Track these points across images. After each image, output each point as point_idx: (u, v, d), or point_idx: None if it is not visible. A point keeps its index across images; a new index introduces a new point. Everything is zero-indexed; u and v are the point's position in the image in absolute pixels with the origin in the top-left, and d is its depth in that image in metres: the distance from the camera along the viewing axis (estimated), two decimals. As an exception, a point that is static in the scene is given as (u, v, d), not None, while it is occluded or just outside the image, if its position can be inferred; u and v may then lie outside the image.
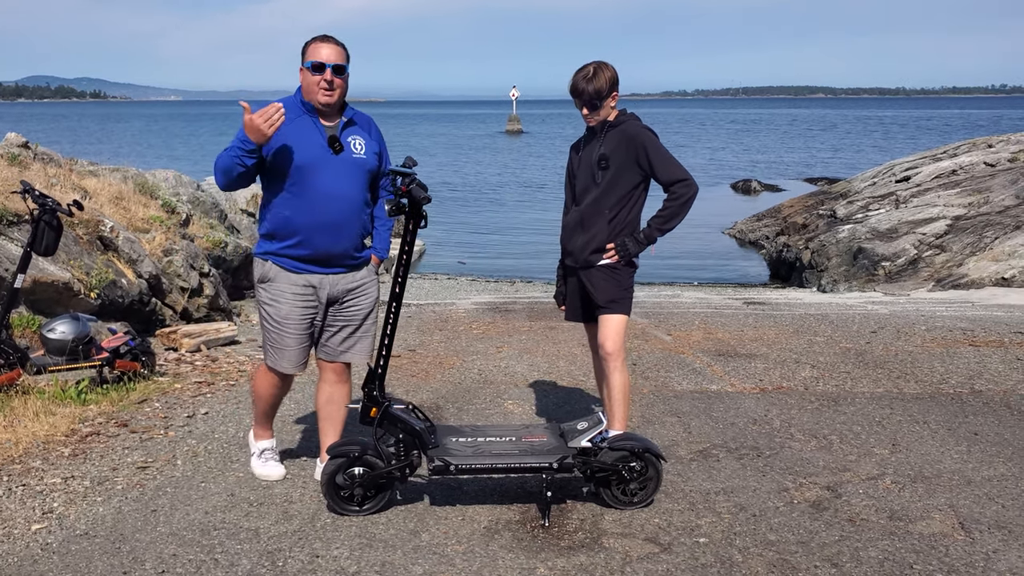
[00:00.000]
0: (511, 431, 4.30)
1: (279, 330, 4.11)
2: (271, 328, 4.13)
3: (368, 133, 4.21)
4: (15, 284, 5.73)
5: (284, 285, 4.08)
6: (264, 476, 4.44)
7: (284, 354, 4.14)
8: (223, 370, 6.83)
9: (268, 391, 4.32)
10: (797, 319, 9.49)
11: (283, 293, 4.08)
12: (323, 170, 3.99)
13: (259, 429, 4.51)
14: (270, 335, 4.15)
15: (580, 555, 3.64)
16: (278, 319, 4.10)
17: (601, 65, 4.29)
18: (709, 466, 4.72)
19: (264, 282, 4.13)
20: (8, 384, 5.58)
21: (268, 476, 4.43)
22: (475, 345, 8.04)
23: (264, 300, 4.15)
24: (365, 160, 4.14)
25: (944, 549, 3.65)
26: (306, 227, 4.00)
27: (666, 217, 4.27)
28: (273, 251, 4.09)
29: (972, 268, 12.53)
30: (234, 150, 3.84)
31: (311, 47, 4.00)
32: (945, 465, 4.68)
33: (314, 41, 4.03)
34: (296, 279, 4.09)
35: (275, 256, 4.09)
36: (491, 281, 15.50)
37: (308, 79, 3.99)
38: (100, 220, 7.94)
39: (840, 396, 6.14)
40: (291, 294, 4.08)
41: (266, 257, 4.11)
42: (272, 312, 4.11)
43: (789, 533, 3.82)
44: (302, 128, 3.98)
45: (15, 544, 3.69)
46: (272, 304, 4.10)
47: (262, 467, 4.47)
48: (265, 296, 4.14)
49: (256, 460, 4.50)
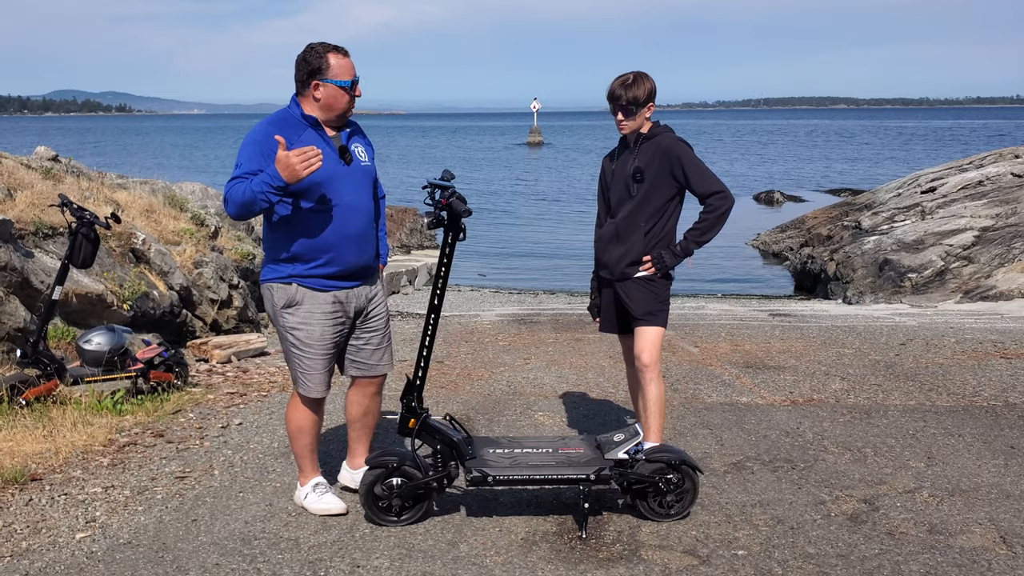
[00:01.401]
0: (547, 443, 4.31)
1: (311, 354, 3.98)
2: (302, 353, 3.99)
3: (365, 139, 4.19)
4: (53, 296, 5.82)
5: (313, 306, 3.95)
6: (325, 511, 4.14)
7: (317, 378, 4.02)
8: (255, 381, 6.89)
9: (307, 423, 4.12)
10: (824, 331, 9.45)
11: (313, 315, 3.95)
12: (341, 183, 3.92)
13: (307, 468, 4.21)
14: (301, 361, 4.00)
15: (619, 567, 3.64)
16: (309, 343, 3.97)
17: (641, 74, 4.33)
18: (744, 478, 4.71)
19: (291, 306, 3.95)
20: (45, 394, 5.66)
21: (330, 510, 4.14)
22: (502, 357, 8.06)
23: (292, 325, 3.97)
24: (370, 167, 4.12)
25: (987, 564, 3.62)
26: (335, 243, 3.92)
27: (702, 230, 4.29)
28: (299, 273, 3.92)
29: (1000, 280, 12.44)
30: (261, 186, 3.67)
31: (337, 63, 3.87)
32: (983, 479, 4.65)
33: (335, 54, 3.89)
34: (325, 298, 3.96)
35: (301, 278, 3.92)
36: (514, 293, 15.54)
37: (337, 96, 3.88)
38: (132, 233, 8.04)
39: (872, 408, 6.11)
40: (321, 314, 3.96)
41: (290, 280, 3.93)
42: (302, 336, 3.96)
43: (828, 546, 3.81)
44: (312, 143, 3.82)
45: (60, 552, 3.73)
46: (302, 328, 3.95)
47: (319, 502, 4.17)
48: (293, 321, 3.96)
49: (312, 497, 4.18)
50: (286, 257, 3.93)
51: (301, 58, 3.90)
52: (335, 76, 3.87)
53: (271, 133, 3.80)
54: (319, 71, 3.86)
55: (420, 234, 20.02)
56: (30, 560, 3.66)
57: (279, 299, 3.96)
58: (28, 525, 4.00)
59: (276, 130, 3.81)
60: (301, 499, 4.23)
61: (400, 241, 18.86)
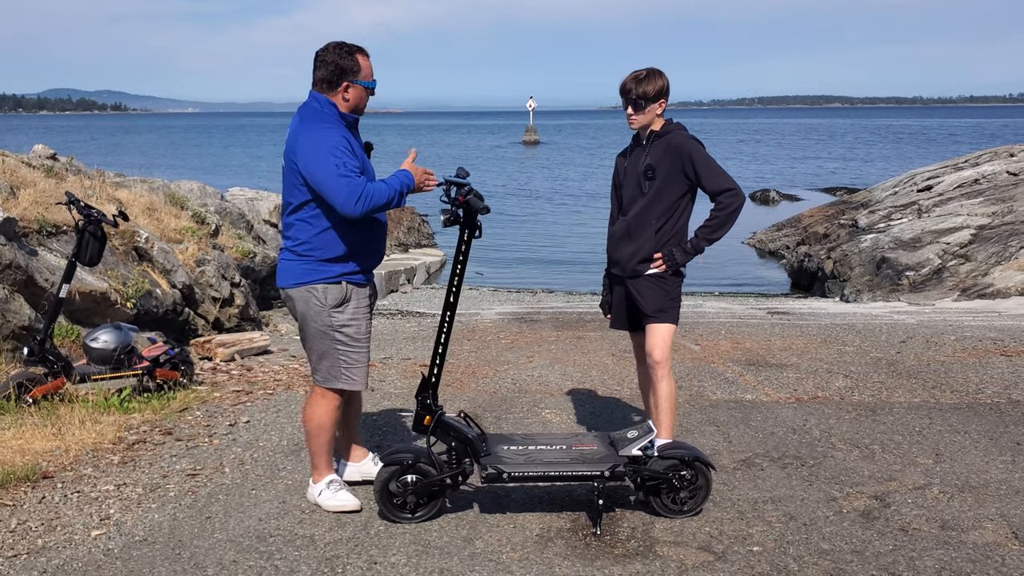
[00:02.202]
0: (561, 439, 4.33)
1: (359, 348, 4.05)
2: (351, 348, 4.04)
3: None
4: (60, 294, 5.80)
5: (359, 301, 4.05)
6: (340, 507, 4.16)
7: (363, 371, 4.09)
8: (259, 379, 6.88)
9: (330, 420, 4.13)
10: (823, 329, 9.49)
11: (360, 310, 4.05)
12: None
13: (323, 466, 4.23)
14: (348, 356, 4.04)
15: (635, 563, 3.66)
16: (359, 337, 4.05)
17: (655, 70, 4.36)
18: (754, 475, 4.74)
19: (342, 304, 4.00)
20: (52, 392, 5.64)
21: (345, 506, 4.15)
22: (505, 355, 8.07)
23: (343, 323, 4.01)
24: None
25: (1000, 559, 3.65)
26: (375, 240, 4.06)
27: (713, 227, 4.31)
28: (349, 271, 4.00)
29: (998, 278, 12.50)
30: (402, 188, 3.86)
31: (364, 65, 3.97)
32: (991, 475, 4.68)
33: (362, 56, 3.97)
34: (366, 292, 4.09)
35: (349, 276, 4.00)
36: (513, 291, 15.53)
37: (364, 97, 4.01)
38: (135, 231, 8.02)
39: (877, 406, 6.14)
40: (365, 308, 4.08)
41: (339, 279, 3.98)
42: (353, 332, 4.03)
43: (842, 542, 3.84)
44: (354, 142, 3.97)
45: (77, 550, 3.73)
46: (353, 324, 4.02)
47: (333, 499, 4.18)
48: (343, 318, 4.01)
49: (327, 493, 4.19)
50: (337, 256, 3.97)
51: (332, 58, 3.92)
52: (364, 77, 3.97)
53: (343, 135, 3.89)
54: (351, 72, 3.93)
55: (418, 232, 20.01)
56: (47, 557, 3.66)
57: (332, 298, 3.97)
58: (43, 523, 4.00)
59: (340, 131, 3.89)
60: (315, 496, 4.23)
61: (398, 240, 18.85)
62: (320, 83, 3.95)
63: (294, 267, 4.01)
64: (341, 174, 3.72)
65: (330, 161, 3.75)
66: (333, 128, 3.89)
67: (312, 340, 4.06)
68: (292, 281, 4.01)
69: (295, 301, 4.03)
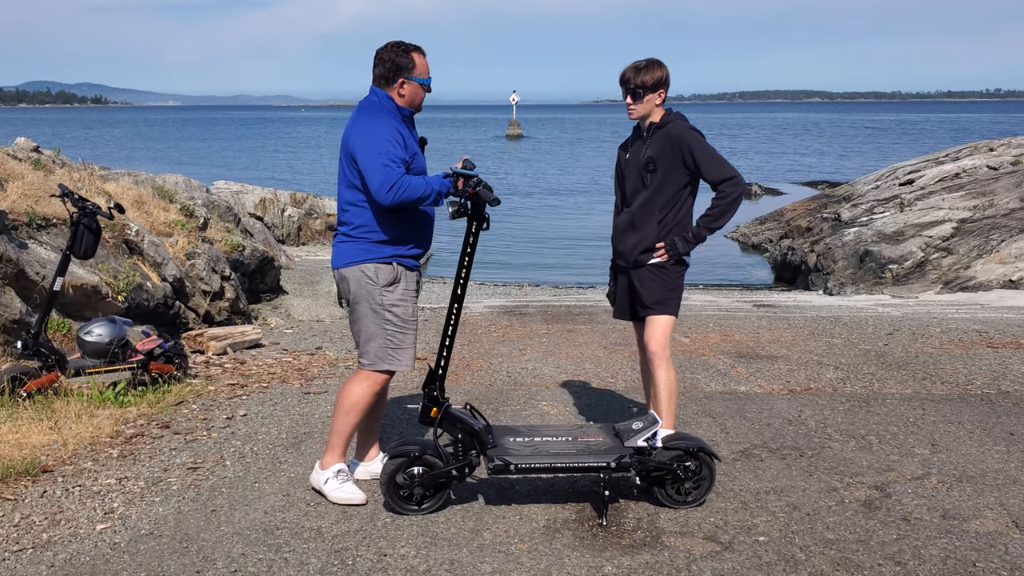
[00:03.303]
0: (566, 431, 4.34)
1: (407, 329, 4.16)
2: (399, 329, 4.13)
3: None
4: (54, 287, 5.75)
5: (408, 284, 4.17)
6: (346, 500, 4.15)
7: (410, 352, 4.19)
8: (253, 373, 6.86)
9: (366, 402, 4.18)
10: (810, 321, 9.58)
11: (409, 292, 4.17)
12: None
13: (339, 449, 4.21)
14: (395, 337, 4.13)
15: (644, 553, 3.68)
16: (407, 318, 4.15)
17: (655, 61, 4.38)
18: (754, 466, 4.78)
19: (392, 284, 4.12)
20: (47, 386, 5.60)
21: (351, 500, 4.15)
22: (498, 348, 8.08)
23: (393, 302, 4.12)
24: None
25: (1003, 547, 3.70)
26: (425, 226, 4.19)
27: (715, 216, 4.34)
28: (400, 254, 4.12)
29: (979, 271, 12.64)
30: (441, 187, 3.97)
31: (420, 62, 4.14)
32: (988, 465, 4.74)
33: (418, 54, 4.15)
34: (412, 276, 4.21)
35: (400, 258, 4.12)
36: (499, 285, 15.54)
37: (419, 93, 4.17)
38: (126, 224, 7.96)
39: (870, 397, 6.20)
40: (413, 291, 4.22)
41: (389, 260, 4.10)
42: (401, 312, 4.13)
43: (847, 532, 3.88)
44: (409, 136, 4.13)
45: (83, 544, 3.71)
46: (401, 304, 4.13)
47: (339, 490, 4.16)
48: (393, 298, 4.12)
49: (333, 484, 4.17)
50: (390, 239, 4.08)
51: (389, 56, 4.11)
52: (419, 74, 4.14)
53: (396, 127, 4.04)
54: (406, 69, 4.11)
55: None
56: (53, 552, 3.63)
57: (383, 278, 4.09)
58: (46, 517, 3.97)
59: (394, 124, 4.05)
60: (320, 484, 4.21)
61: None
62: (378, 79, 4.15)
63: (348, 248, 4.14)
64: (383, 163, 3.88)
65: (376, 148, 3.92)
66: (387, 120, 4.05)
67: (362, 321, 4.14)
68: (346, 261, 4.14)
69: (348, 281, 4.14)
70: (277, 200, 16.16)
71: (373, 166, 3.89)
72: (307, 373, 6.90)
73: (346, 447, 4.25)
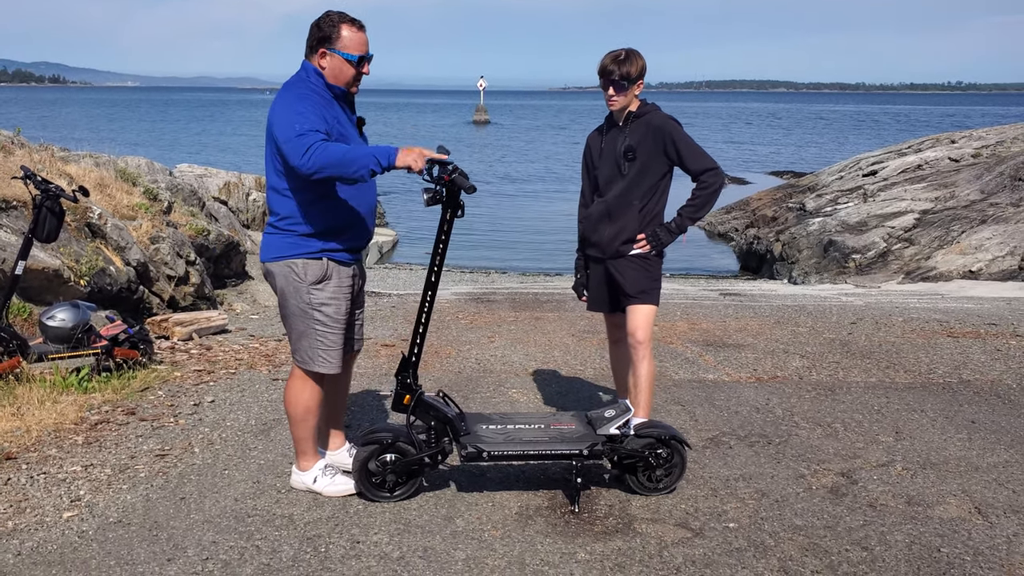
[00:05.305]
0: (539, 419, 4.35)
1: (336, 330, 3.92)
2: (327, 330, 3.90)
3: None
4: (16, 271, 5.64)
5: (341, 281, 3.91)
6: (343, 492, 4.08)
7: (338, 354, 3.95)
8: (220, 359, 6.79)
9: (316, 403, 4.01)
10: (776, 310, 9.68)
11: (340, 290, 3.91)
12: None
13: (310, 452, 4.10)
14: (324, 338, 3.90)
15: (616, 540, 3.70)
16: (337, 318, 3.91)
17: (633, 51, 4.37)
18: (723, 453, 4.82)
19: (321, 282, 3.86)
20: (8, 372, 5.50)
21: (348, 491, 4.07)
22: (466, 335, 8.08)
23: (322, 301, 3.87)
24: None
25: (967, 533, 3.78)
26: (362, 217, 3.92)
27: (697, 206, 4.35)
28: (331, 248, 3.85)
29: (940, 261, 12.86)
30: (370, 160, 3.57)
31: (351, 36, 3.79)
32: (950, 452, 4.83)
33: (349, 26, 3.79)
34: (347, 272, 3.94)
35: (331, 252, 3.86)
36: (466, 272, 15.52)
37: (343, 68, 3.80)
38: (88, 207, 7.82)
39: (835, 385, 6.29)
40: (347, 288, 3.94)
41: (321, 255, 3.84)
42: (332, 312, 3.89)
43: (814, 518, 3.93)
44: (341, 116, 3.83)
45: (51, 532, 3.65)
46: (332, 303, 3.89)
47: (332, 485, 4.09)
48: (323, 297, 3.87)
49: (324, 480, 4.09)
50: (318, 231, 3.82)
51: (315, 23, 3.80)
52: (343, 48, 3.78)
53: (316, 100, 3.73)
54: (328, 40, 3.78)
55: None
56: (20, 540, 3.57)
57: (311, 275, 3.83)
58: (11, 504, 3.90)
59: (316, 97, 3.74)
60: (309, 483, 4.10)
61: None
62: (306, 49, 3.85)
63: (275, 241, 3.86)
64: (297, 132, 3.55)
65: (290, 120, 3.61)
66: (306, 92, 3.75)
67: (291, 319, 3.93)
68: (272, 255, 3.86)
69: (275, 276, 3.89)
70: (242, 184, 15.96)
71: (287, 136, 3.56)
72: (274, 359, 6.85)
73: (315, 446, 4.13)
